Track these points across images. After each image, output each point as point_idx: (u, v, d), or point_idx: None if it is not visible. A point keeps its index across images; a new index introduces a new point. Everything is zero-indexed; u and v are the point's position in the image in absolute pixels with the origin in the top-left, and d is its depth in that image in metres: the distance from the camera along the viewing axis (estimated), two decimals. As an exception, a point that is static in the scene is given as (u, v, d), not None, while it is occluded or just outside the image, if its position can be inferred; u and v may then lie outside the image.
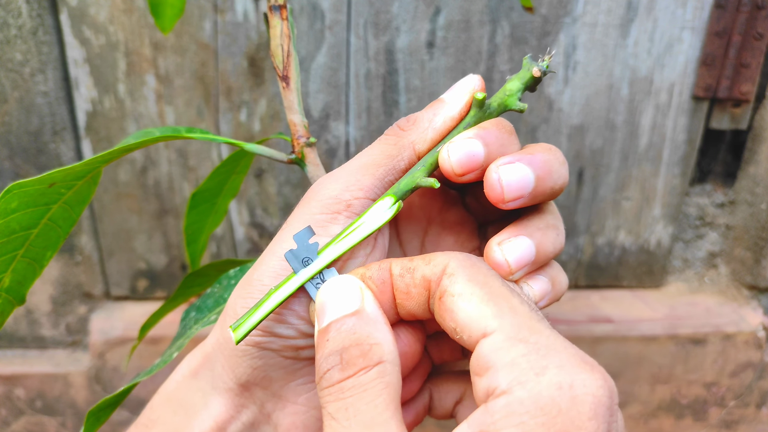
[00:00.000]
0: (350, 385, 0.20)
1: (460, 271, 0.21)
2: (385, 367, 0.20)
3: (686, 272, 0.80)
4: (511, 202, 0.23)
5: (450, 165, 0.23)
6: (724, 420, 0.81)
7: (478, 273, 0.21)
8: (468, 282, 0.21)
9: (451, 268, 0.21)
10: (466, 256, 0.22)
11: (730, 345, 0.76)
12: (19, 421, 0.75)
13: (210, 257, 0.72)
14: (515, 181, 0.23)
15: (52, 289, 0.72)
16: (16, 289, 0.30)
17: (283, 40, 0.32)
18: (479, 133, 0.24)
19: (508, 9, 0.63)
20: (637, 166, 0.71)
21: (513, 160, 0.23)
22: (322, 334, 0.21)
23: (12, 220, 0.28)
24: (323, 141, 0.67)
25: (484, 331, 0.19)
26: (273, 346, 0.24)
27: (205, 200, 0.45)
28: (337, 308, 0.22)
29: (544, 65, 0.24)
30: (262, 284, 0.24)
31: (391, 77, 0.65)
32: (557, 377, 0.18)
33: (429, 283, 0.22)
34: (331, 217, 0.24)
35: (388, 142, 0.25)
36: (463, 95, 0.25)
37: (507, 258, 0.24)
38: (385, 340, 0.21)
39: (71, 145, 0.65)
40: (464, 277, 0.21)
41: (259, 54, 0.63)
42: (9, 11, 0.59)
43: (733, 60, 0.66)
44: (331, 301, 0.22)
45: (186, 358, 0.27)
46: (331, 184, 0.24)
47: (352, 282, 0.22)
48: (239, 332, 0.23)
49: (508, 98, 0.25)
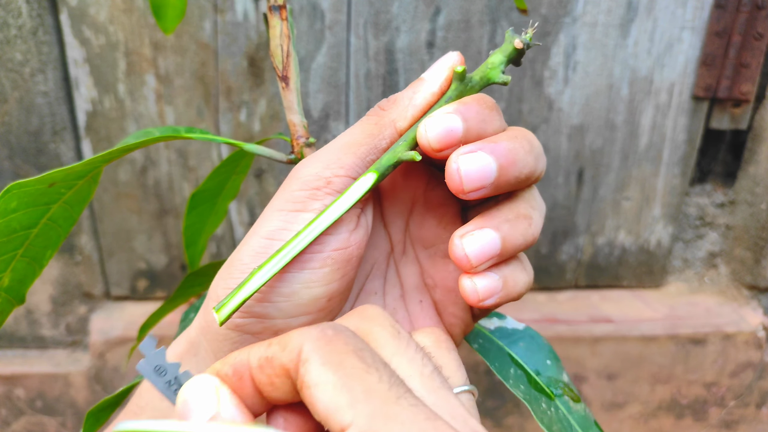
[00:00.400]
0: None
1: (313, 355, 0.19)
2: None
3: (686, 272, 0.80)
4: (472, 192, 0.23)
5: (427, 140, 0.23)
6: (724, 420, 0.81)
7: (333, 352, 0.19)
8: (322, 367, 0.18)
9: (305, 353, 0.19)
10: (321, 331, 0.20)
11: (730, 345, 0.76)
12: (20, 421, 0.75)
13: (210, 257, 0.72)
14: (475, 171, 0.22)
15: (52, 289, 0.72)
16: (16, 288, 0.30)
17: (283, 40, 0.32)
18: (458, 108, 0.23)
19: (508, 9, 0.63)
20: (637, 166, 0.71)
21: (475, 149, 0.23)
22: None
23: (12, 220, 0.28)
24: (323, 141, 0.67)
25: (341, 425, 0.17)
26: (253, 328, 0.24)
27: (205, 201, 0.45)
28: (195, 414, 0.20)
29: (526, 38, 0.24)
30: (242, 263, 0.24)
31: (391, 77, 0.65)
32: None
33: (288, 371, 0.20)
34: (310, 194, 0.24)
35: (369, 121, 0.25)
36: (442, 71, 0.25)
37: (467, 252, 0.23)
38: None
39: (71, 145, 0.65)
40: (318, 361, 0.19)
41: (259, 54, 0.63)
42: (9, 11, 0.59)
43: (733, 60, 0.66)
44: (188, 405, 0.20)
45: (172, 344, 0.27)
46: (313, 163, 0.24)
47: (207, 383, 0.20)
48: (222, 313, 0.22)
49: (490, 71, 0.24)
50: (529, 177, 0.24)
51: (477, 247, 0.23)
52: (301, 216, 0.24)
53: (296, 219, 0.24)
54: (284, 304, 0.24)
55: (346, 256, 0.24)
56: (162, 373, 0.22)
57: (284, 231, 0.24)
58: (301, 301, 0.24)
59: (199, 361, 0.25)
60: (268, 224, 0.24)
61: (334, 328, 0.20)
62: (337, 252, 0.24)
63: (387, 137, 0.25)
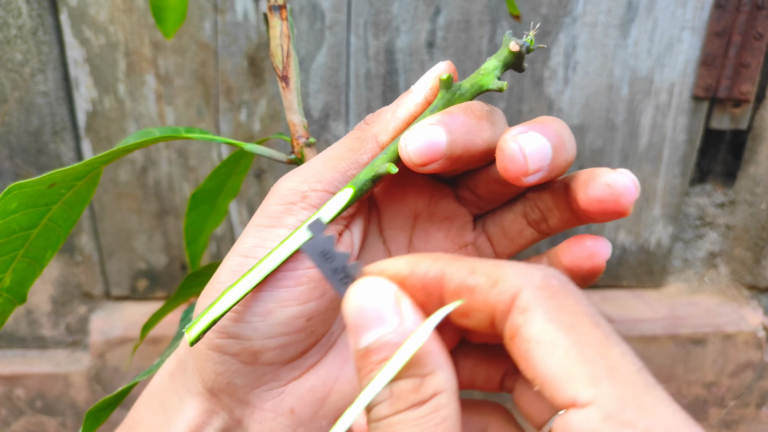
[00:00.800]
0: (399, 420, 0.17)
1: (536, 305, 0.17)
2: (440, 399, 0.17)
3: (686, 272, 0.80)
4: (533, 175, 0.21)
5: (407, 155, 0.21)
6: (724, 420, 0.81)
7: (561, 310, 0.17)
8: (548, 324, 0.16)
9: (524, 301, 0.17)
10: (544, 281, 0.17)
11: (730, 345, 0.76)
12: (19, 421, 0.75)
13: (210, 257, 0.72)
14: (536, 150, 0.20)
15: (52, 289, 0.72)
16: (16, 288, 0.30)
17: (283, 40, 0.32)
18: (442, 119, 0.21)
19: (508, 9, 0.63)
20: (637, 166, 0.71)
21: (526, 129, 0.21)
22: (362, 358, 0.18)
23: (12, 221, 0.28)
24: (323, 141, 0.67)
25: (574, 400, 0.15)
26: (231, 349, 0.23)
27: (205, 200, 0.45)
28: (373, 324, 0.18)
29: (526, 40, 0.23)
30: (219, 282, 0.23)
31: (391, 77, 0.65)
32: None
33: (494, 310, 0.18)
34: (285, 208, 0.23)
35: (352, 136, 0.24)
36: (429, 81, 0.23)
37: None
38: (438, 367, 0.17)
39: (71, 145, 0.65)
40: (543, 316, 0.17)
41: (259, 54, 0.63)
42: (9, 11, 0.59)
43: (733, 60, 0.66)
44: (363, 312, 0.18)
45: (167, 360, 0.27)
46: (292, 177, 0.23)
47: (384, 288, 0.18)
48: (192, 333, 0.22)
49: (483, 77, 0.23)
50: (572, 161, 0.22)
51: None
52: (275, 232, 0.23)
53: (270, 235, 0.23)
54: (260, 324, 0.23)
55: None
56: (329, 260, 0.20)
57: (258, 248, 0.23)
58: (277, 320, 0.23)
59: (187, 379, 0.25)
60: (244, 241, 0.23)
61: (558, 278, 0.18)
62: (313, 270, 0.23)
63: (368, 151, 0.23)
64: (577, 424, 0.15)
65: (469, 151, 0.22)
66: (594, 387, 0.15)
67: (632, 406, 0.15)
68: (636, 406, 0.15)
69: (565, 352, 0.16)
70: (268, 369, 0.24)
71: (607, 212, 0.22)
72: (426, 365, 0.17)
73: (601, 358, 0.16)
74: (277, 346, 0.23)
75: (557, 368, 0.16)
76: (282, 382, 0.25)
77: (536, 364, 0.16)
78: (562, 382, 0.16)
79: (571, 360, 0.16)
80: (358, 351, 0.18)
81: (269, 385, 0.24)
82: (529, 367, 0.17)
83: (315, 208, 0.23)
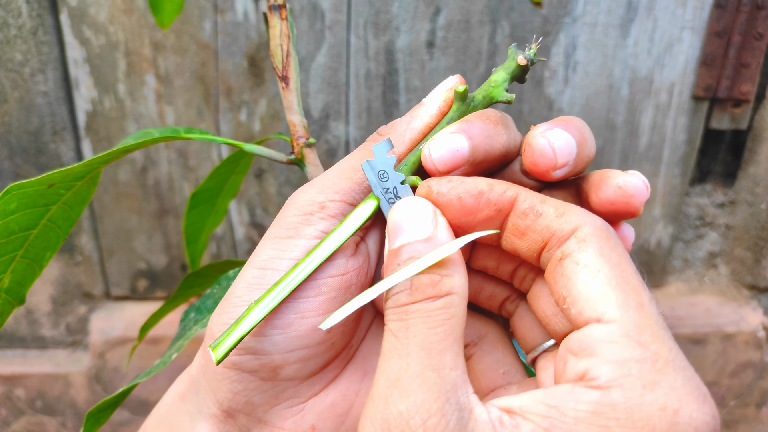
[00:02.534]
0: (415, 309, 0.20)
1: (593, 239, 0.19)
2: (452, 299, 0.20)
3: (686, 272, 0.80)
4: (560, 169, 0.22)
5: (432, 163, 0.22)
6: (724, 420, 0.81)
7: (613, 250, 0.19)
8: (599, 256, 0.19)
9: (584, 233, 0.20)
10: (604, 225, 0.20)
11: (730, 345, 0.76)
12: (20, 421, 0.75)
13: (210, 257, 0.72)
14: (564, 145, 0.22)
15: (52, 289, 0.72)
16: (15, 289, 0.30)
17: (283, 40, 0.32)
18: (462, 127, 0.23)
19: (508, 9, 0.63)
20: (637, 166, 0.71)
21: (550, 126, 0.22)
22: (393, 255, 0.21)
23: (11, 221, 0.28)
24: (323, 141, 0.67)
25: (601, 317, 0.18)
26: (250, 365, 0.23)
27: (205, 200, 0.45)
28: (410, 231, 0.21)
29: (530, 53, 0.23)
30: (236, 296, 0.23)
31: (391, 77, 0.65)
32: (664, 398, 0.17)
33: (552, 235, 0.20)
34: (303, 219, 0.23)
35: (366, 147, 0.25)
36: (442, 93, 0.24)
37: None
38: (456, 272, 0.20)
39: (71, 145, 0.65)
40: (596, 248, 0.19)
41: (259, 54, 0.63)
42: (9, 11, 0.59)
43: (733, 60, 0.66)
44: (404, 222, 0.21)
45: (176, 380, 0.27)
46: (308, 189, 0.24)
47: (425, 206, 0.21)
48: (219, 351, 0.21)
49: (493, 89, 0.24)
50: (592, 158, 0.23)
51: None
52: (293, 242, 0.23)
53: (288, 246, 0.23)
54: (279, 338, 0.23)
55: (344, 284, 0.23)
56: (384, 179, 0.23)
57: (276, 259, 0.23)
58: (297, 333, 0.23)
59: (199, 400, 0.25)
60: (261, 254, 0.23)
61: (608, 227, 0.20)
62: (333, 279, 0.23)
63: None
64: (598, 335, 0.18)
65: (489, 155, 0.23)
66: (621, 311, 0.18)
67: (648, 333, 0.18)
68: (651, 334, 0.18)
69: (607, 279, 0.19)
70: (288, 385, 0.24)
71: (619, 213, 0.23)
72: (446, 267, 0.20)
73: (634, 293, 0.18)
74: (297, 360, 0.23)
75: (596, 289, 0.18)
76: (302, 398, 0.24)
77: (577, 282, 0.19)
78: (597, 301, 0.18)
79: (610, 286, 0.18)
80: (392, 250, 0.21)
81: (289, 402, 0.24)
82: (568, 287, 0.19)
83: (333, 218, 0.23)
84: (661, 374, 0.17)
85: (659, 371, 0.17)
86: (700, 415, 0.17)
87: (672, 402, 0.17)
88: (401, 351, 0.19)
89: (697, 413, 0.17)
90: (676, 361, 0.17)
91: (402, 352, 0.19)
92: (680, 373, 0.17)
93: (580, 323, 0.19)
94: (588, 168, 0.25)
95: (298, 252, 0.23)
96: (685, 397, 0.17)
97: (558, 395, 0.18)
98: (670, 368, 0.17)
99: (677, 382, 0.17)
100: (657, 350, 0.17)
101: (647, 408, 0.16)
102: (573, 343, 0.19)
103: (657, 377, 0.17)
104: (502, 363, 0.24)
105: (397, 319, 0.20)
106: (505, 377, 0.24)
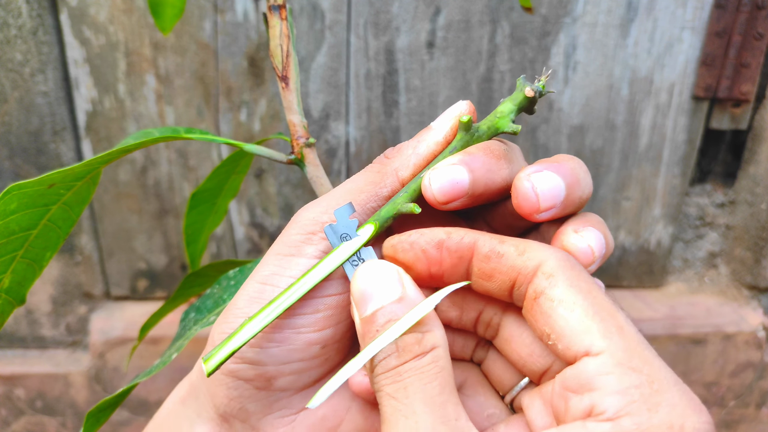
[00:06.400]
0: (407, 368, 0.20)
1: (560, 272, 0.20)
2: (438, 352, 0.20)
3: (686, 272, 0.80)
4: (545, 212, 0.22)
5: (432, 193, 0.22)
6: (724, 420, 0.81)
7: (580, 279, 0.20)
8: (570, 287, 0.20)
9: (549, 267, 0.20)
10: (564, 255, 0.21)
11: (730, 345, 0.76)
12: (20, 421, 0.75)
13: (210, 257, 0.72)
14: (549, 189, 0.22)
15: (52, 289, 0.72)
16: (15, 289, 0.30)
17: (283, 40, 0.32)
18: (464, 159, 0.23)
19: (508, 9, 0.63)
20: (637, 166, 0.71)
21: (540, 169, 0.22)
22: (369, 322, 0.21)
23: (11, 221, 0.28)
24: (323, 141, 0.67)
25: (588, 350, 0.19)
26: (246, 374, 0.23)
27: (205, 200, 0.45)
28: (379, 295, 0.21)
29: (539, 85, 0.23)
30: (237, 308, 0.23)
31: (391, 77, 0.65)
32: (669, 416, 0.17)
33: (518, 273, 0.21)
34: (305, 238, 0.23)
35: (372, 169, 0.25)
36: (449, 120, 0.24)
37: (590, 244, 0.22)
38: (434, 326, 0.21)
39: (71, 145, 0.65)
40: (565, 281, 0.20)
41: (259, 54, 0.63)
42: (9, 11, 0.59)
43: (733, 60, 0.66)
44: (370, 287, 0.21)
45: (177, 386, 0.27)
46: (313, 208, 0.24)
47: (387, 268, 0.22)
48: (210, 364, 0.22)
49: (499, 120, 0.24)
50: (587, 198, 0.24)
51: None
52: (294, 261, 0.23)
53: (289, 264, 0.23)
54: (275, 350, 0.23)
55: (341, 302, 0.24)
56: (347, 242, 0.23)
57: (277, 276, 0.23)
58: (293, 346, 0.23)
59: (199, 405, 0.25)
60: (263, 269, 0.24)
61: (569, 257, 0.21)
62: (331, 298, 0.24)
63: (389, 185, 0.24)
64: (592, 369, 0.18)
65: (489, 189, 0.23)
66: (606, 340, 0.19)
67: (637, 357, 0.18)
68: (639, 357, 0.18)
69: (584, 311, 0.19)
70: (282, 395, 0.24)
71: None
72: (425, 324, 0.21)
73: (611, 318, 0.19)
74: (292, 372, 0.24)
75: (576, 323, 0.19)
76: (294, 409, 0.25)
77: (558, 319, 0.19)
78: (581, 334, 0.19)
79: (589, 317, 0.19)
80: (365, 318, 0.21)
81: (281, 412, 0.25)
82: (549, 324, 0.20)
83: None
84: (660, 395, 0.18)
85: (657, 392, 0.18)
86: (700, 424, 0.18)
87: (676, 419, 0.17)
88: (405, 411, 0.19)
89: (699, 423, 0.18)
90: (668, 378, 0.18)
91: (406, 411, 0.19)
92: (674, 388, 0.18)
93: (570, 358, 0.19)
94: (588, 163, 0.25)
95: (298, 270, 0.23)
96: (685, 411, 0.18)
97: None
98: (665, 387, 0.18)
99: (675, 398, 0.18)
100: (650, 373, 0.18)
101: (657, 430, 0.17)
102: (570, 381, 0.19)
103: (657, 398, 0.18)
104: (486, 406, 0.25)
105: (392, 382, 0.20)
106: (490, 419, 0.25)
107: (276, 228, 0.71)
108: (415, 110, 0.66)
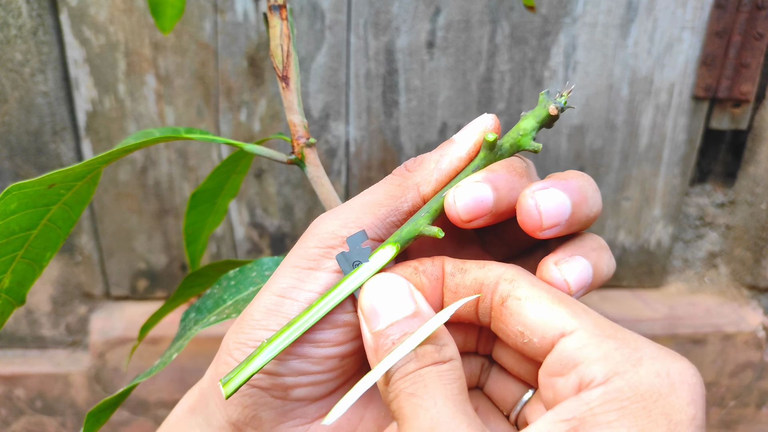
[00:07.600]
0: (426, 371, 0.20)
1: (521, 277, 0.21)
2: (455, 364, 0.21)
3: (686, 272, 0.80)
4: (548, 230, 0.22)
5: (456, 212, 0.22)
6: (723, 420, 0.81)
7: (537, 280, 0.21)
8: (532, 286, 0.21)
9: (510, 275, 0.22)
10: (519, 268, 0.22)
11: (730, 345, 0.76)
12: (19, 421, 0.75)
13: (210, 257, 0.72)
14: (553, 208, 0.22)
15: (52, 289, 0.72)
16: (15, 290, 0.30)
17: (283, 40, 0.32)
18: (488, 177, 0.22)
19: (508, 9, 0.63)
20: (637, 166, 0.71)
21: (546, 186, 0.22)
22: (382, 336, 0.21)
23: (11, 221, 0.28)
24: (323, 141, 0.67)
25: (562, 331, 0.20)
26: (262, 383, 0.23)
27: (205, 200, 0.45)
28: (393, 311, 0.21)
29: (561, 101, 0.23)
30: (253, 319, 0.23)
31: (391, 77, 0.65)
32: (654, 366, 0.18)
33: (480, 287, 0.22)
34: (324, 251, 0.23)
35: (393, 182, 0.24)
36: (473, 135, 0.24)
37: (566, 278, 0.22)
38: (450, 341, 0.21)
39: (71, 145, 0.65)
40: (527, 282, 0.21)
41: (259, 54, 0.63)
42: (9, 11, 0.59)
43: (733, 60, 0.66)
44: (382, 302, 0.22)
45: (186, 394, 0.27)
46: (331, 220, 0.24)
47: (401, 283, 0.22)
48: (229, 387, 0.22)
49: (521, 138, 0.23)
50: (596, 216, 0.24)
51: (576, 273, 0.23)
52: (313, 274, 0.23)
53: (308, 277, 0.23)
54: (295, 362, 0.23)
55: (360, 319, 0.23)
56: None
57: (295, 289, 0.23)
58: (312, 359, 0.23)
59: (209, 413, 0.25)
60: (280, 281, 0.23)
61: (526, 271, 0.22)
62: (350, 314, 0.23)
63: (409, 200, 0.24)
64: (571, 345, 0.19)
65: (510, 206, 0.23)
66: (576, 319, 0.20)
67: (607, 327, 0.20)
68: (610, 326, 0.20)
69: (549, 301, 0.21)
70: (297, 405, 0.24)
71: None
72: (441, 338, 0.21)
73: (575, 304, 0.21)
74: (309, 383, 0.24)
75: (545, 312, 0.20)
76: (308, 419, 0.25)
77: (527, 313, 0.21)
78: (552, 320, 0.20)
79: (554, 305, 0.20)
80: (377, 332, 0.21)
81: (295, 422, 0.24)
82: (520, 321, 0.21)
83: None
84: (639, 351, 0.19)
85: (636, 350, 0.19)
86: (686, 370, 0.19)
87: (660, 367, 0.18)
88: (426, 404, 0.20)
89: (684, 370, 0.19)
90: (641, 338, 0.20)
91: (427, 404, 0.20)
92: (651, 345, 0.19)
93: (547, 346, 0.20)
94: (579, 167, 0.25)
95: (318, 285, 0.23)
96: (667, 360, 0.19)
97: (568, 406, 0.19)
98: (642, 345, 0.19)
99: (654, 352, 0.19)
100: (624, 336, 0.19)
101: (646, 379, 0.18)
102: (553, 365, 0.20)
103: (638, 354, 0.19)
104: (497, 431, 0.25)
105: (411, 384, 0.20)
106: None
107: (276, 228, 0.71)
108: (415, 110, 0.66)
